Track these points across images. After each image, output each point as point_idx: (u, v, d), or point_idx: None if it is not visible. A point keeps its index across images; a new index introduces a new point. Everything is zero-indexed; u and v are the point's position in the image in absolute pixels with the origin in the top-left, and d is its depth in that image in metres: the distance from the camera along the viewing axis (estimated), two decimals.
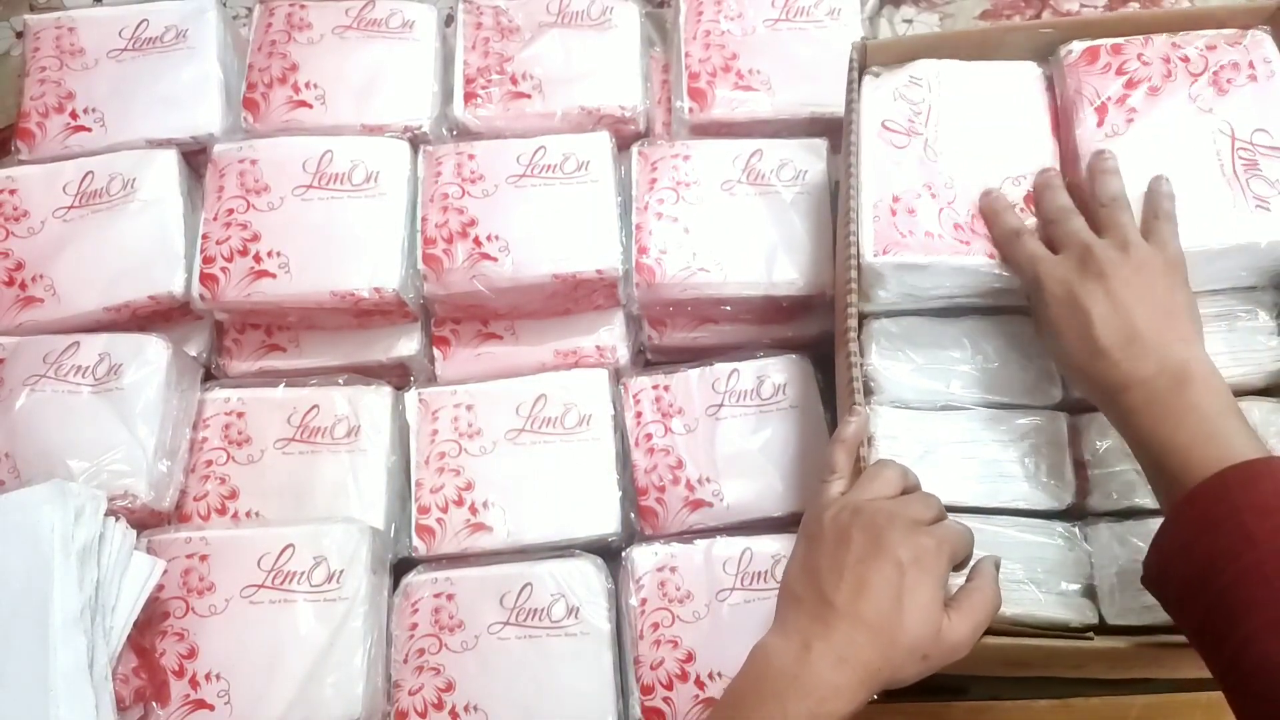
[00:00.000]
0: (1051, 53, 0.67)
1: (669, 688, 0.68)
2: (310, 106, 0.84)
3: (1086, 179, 0.61)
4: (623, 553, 0.72)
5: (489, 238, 0.77)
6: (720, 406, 0.77)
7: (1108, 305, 0.54)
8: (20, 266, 0.78)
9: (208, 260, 0.76)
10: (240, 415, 0.77)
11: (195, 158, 0.83)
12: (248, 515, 0.74)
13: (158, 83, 0.84)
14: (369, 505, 0.74)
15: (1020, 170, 0.63)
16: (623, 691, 0.68)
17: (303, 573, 0.68)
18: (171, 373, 0.73)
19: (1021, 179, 0.63)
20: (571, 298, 0.80)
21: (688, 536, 0.73)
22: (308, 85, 0.84)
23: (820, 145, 0.82)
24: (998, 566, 0.53)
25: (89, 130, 0.83)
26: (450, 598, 0.71)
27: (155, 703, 0.64)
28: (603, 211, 0.78)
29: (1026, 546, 0.61)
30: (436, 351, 0.82)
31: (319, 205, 0.78)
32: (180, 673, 0.65)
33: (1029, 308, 0.60)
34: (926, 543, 0.49)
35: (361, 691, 0.65)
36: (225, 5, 0.90)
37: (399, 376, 0.82)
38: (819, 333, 0.81)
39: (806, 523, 0.53)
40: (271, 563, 0.68)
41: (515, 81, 0.85)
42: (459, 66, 0.86)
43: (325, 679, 0.65)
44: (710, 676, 0.68)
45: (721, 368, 0.79)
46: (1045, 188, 0.62)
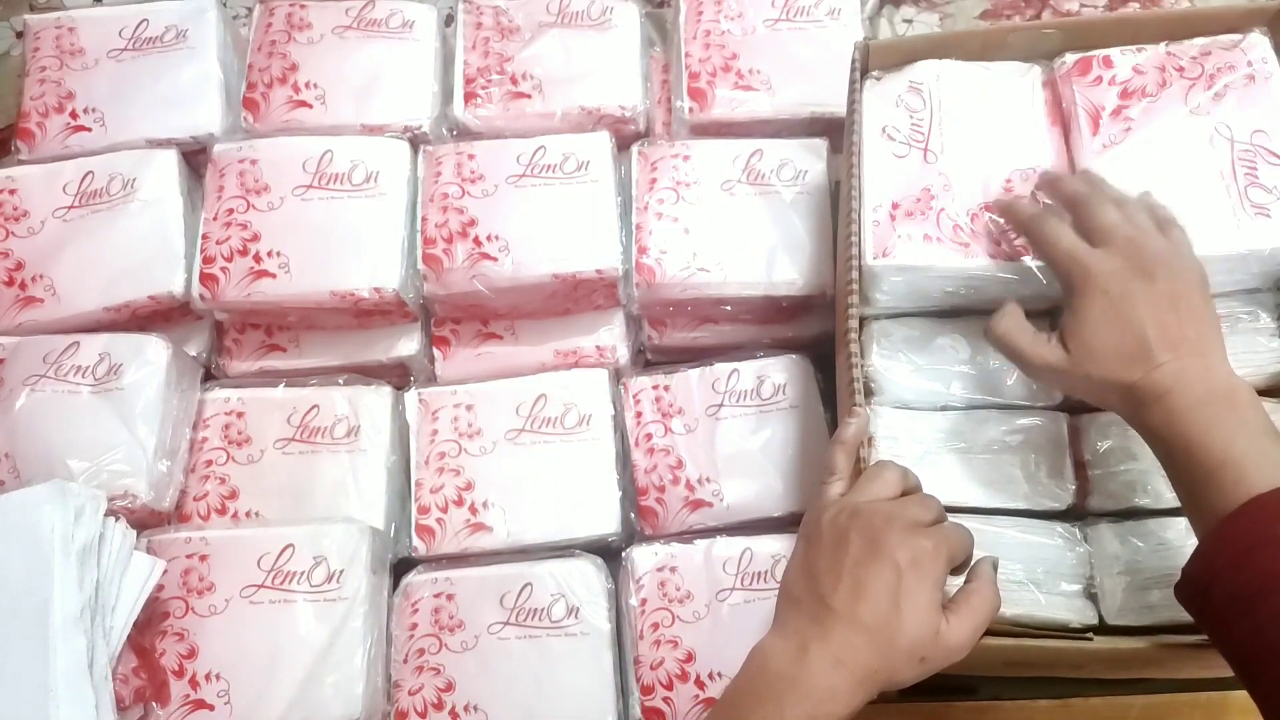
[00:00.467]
0: (1053, 53, 0.66)
1: (669, 688, 0.68)
2: (310, 106, 0.84)
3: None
4: (623, 553, 0.72)
5: (489, 238, 0.77)
6: (720, 406, 0.77)
7: (1156, 306, 0.52)
8: (20, 266, 0.78)
9: (208, 260, 0.76)
10: (240, 415, 0.77)
11: (195, 158, 0.83)
12: (248, 515, 0.74)
13: (158, 83, 0.84)
14: (369, 505, 0.74)
15: (1021, 173, 0.63)
16: (623, 691, 0.68)
17: (303, 573, 0.68)
18: (171, 373, 0.74)
19: (1022, 180, 0.63)
20: (571, 298, 0.80)
21: (688, 536, 0.73)
22: (308, 85, 0.84)
23: (820, 145, 0.82)
24: (995, 567, 0.53)
25: (89, 130, 0.83)
26: (450, 598, 0.71)
27: (155, 703, 0.65)
28: (603, 211, 0.78)
29: (1026, 547, 0.61)
30: (436, 351, 0.82)
31: (319, 205, 0.78)
32: (180, 673, 0.65)
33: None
34: (925, 545, 0.49)
35: (361, 691, 0.65)
36: (225, 5, 0.90)
37: (399, 376, 0.82)
38: (819, 333, 0.81)
39: (806, 524, 0.53)
40: (271, 563, 0.68)
41: (515, 81, 0.85)
42: (459, 66, 0.86)
43: (325, 679, 0.65)
44: (710, 676, 0.68)
45: (721, 368, 0.79)
46: (1057, 179, 0.60)
